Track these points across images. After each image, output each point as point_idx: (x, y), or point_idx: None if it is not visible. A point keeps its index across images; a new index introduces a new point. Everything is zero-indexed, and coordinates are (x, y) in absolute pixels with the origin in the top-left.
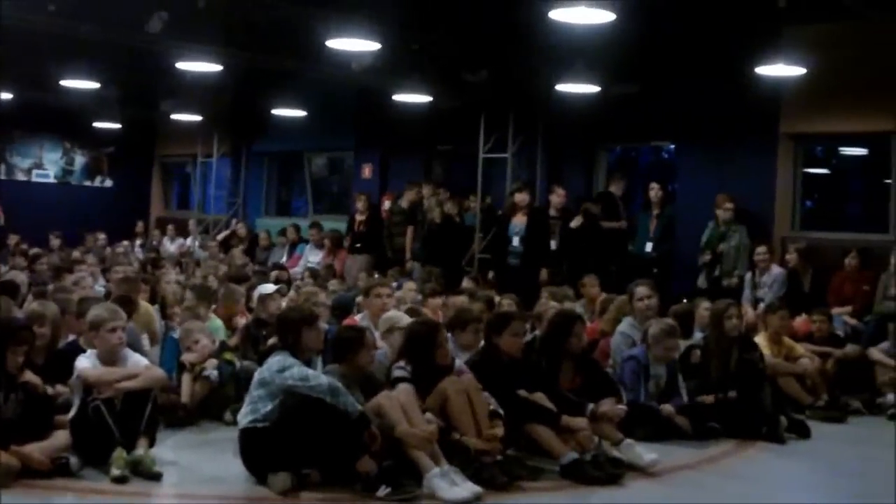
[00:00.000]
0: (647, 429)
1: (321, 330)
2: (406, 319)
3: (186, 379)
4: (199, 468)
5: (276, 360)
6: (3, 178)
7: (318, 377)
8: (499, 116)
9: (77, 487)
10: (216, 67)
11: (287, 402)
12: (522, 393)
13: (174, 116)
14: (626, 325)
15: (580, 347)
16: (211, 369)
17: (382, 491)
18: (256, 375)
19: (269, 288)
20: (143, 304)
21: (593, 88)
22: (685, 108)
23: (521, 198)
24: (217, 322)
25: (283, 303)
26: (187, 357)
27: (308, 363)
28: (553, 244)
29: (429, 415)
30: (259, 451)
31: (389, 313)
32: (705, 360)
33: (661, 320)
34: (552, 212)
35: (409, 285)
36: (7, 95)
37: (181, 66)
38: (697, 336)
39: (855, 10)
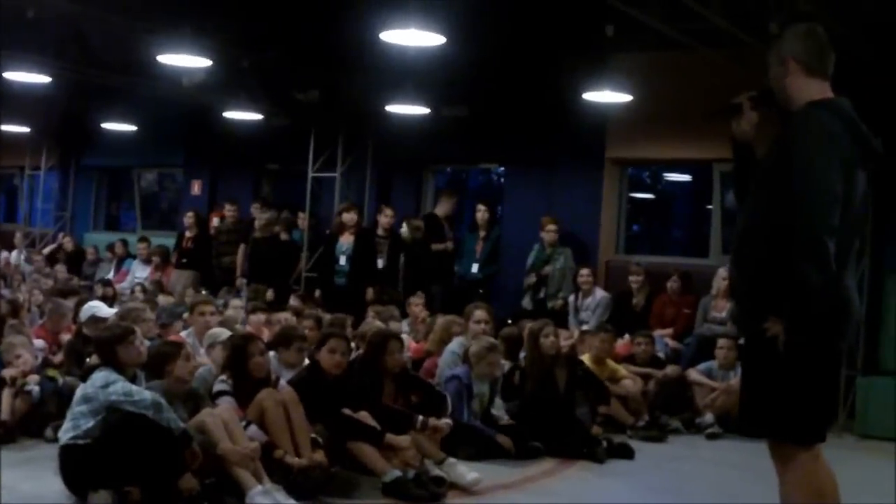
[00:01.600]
0: (469, 448)
1: (137, 345)
2: (227, 334)
3: (6, 395)
4: (18, 486)
5: (100, 376)
6: None
7: (142, 392)
8: (329, 135)
9: None
10: (45, 79)
11: (109, 419)
12: (346, 411)
13: (0, 127)
14: (456, 344)
15: (398, 365)
16: (32, 384)
17: None
18: (79, 391)
19: (105, 311)
20: None
21: (423, 110)
22: (513, 131)
23: (349, 217)
24: None
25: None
26: (7, 372)
27: (133, 379)
28: (380, 263)
29: (252, 428)
30: (79, 469)
31: (212, 329)
32: (523, 380)
33: (481, 338)
34: (380, 231)
35: (235, 303)
36: None
37: (8, 76)
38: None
39: (679, 40)
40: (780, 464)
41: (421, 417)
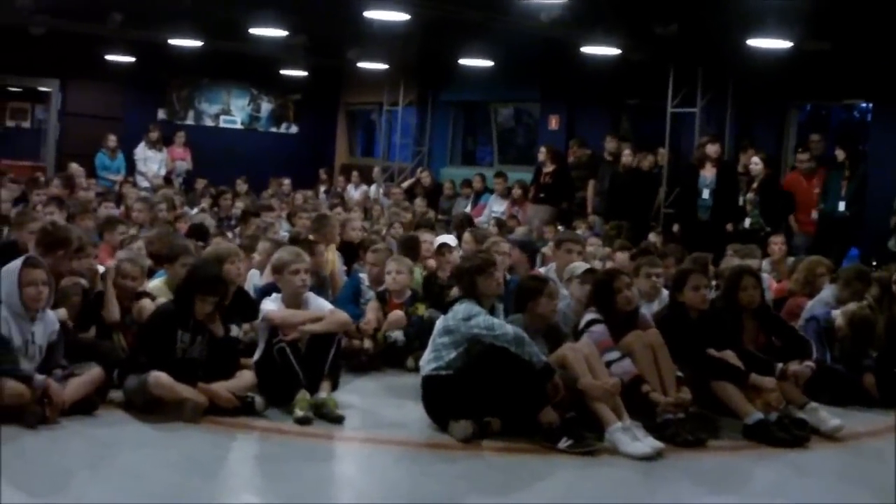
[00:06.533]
0: (830, 392)
1: (497, 276)
2: (585, 268)
3: (373, 306)
4: (381, 413)
5: (461, 309)
6: (191, 123)
7: (504, 327)
8: (688, 71)
9: (261, 426)
10: (404, 17)
11: (471, 351)
12: (711, 351)
13: (360, 64)
14: (828, 292)
15: (753, 302)
16: (398, 335)
17: (564, 443)
18: (440, 323)
19: (448, 239)
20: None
21: (785, 44)
22: (881, 66)
23: (713, 149)
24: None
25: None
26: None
27: (491, 311)
28: (741, 200)
29: (625, 362)
30: (441, 399)
31: (572, 264)
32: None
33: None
34: (739, 168)
35: (594, 240)
36: (197, 43)
37: (369, 14)
38: None
39: None
40: None
41: (781, 365)
